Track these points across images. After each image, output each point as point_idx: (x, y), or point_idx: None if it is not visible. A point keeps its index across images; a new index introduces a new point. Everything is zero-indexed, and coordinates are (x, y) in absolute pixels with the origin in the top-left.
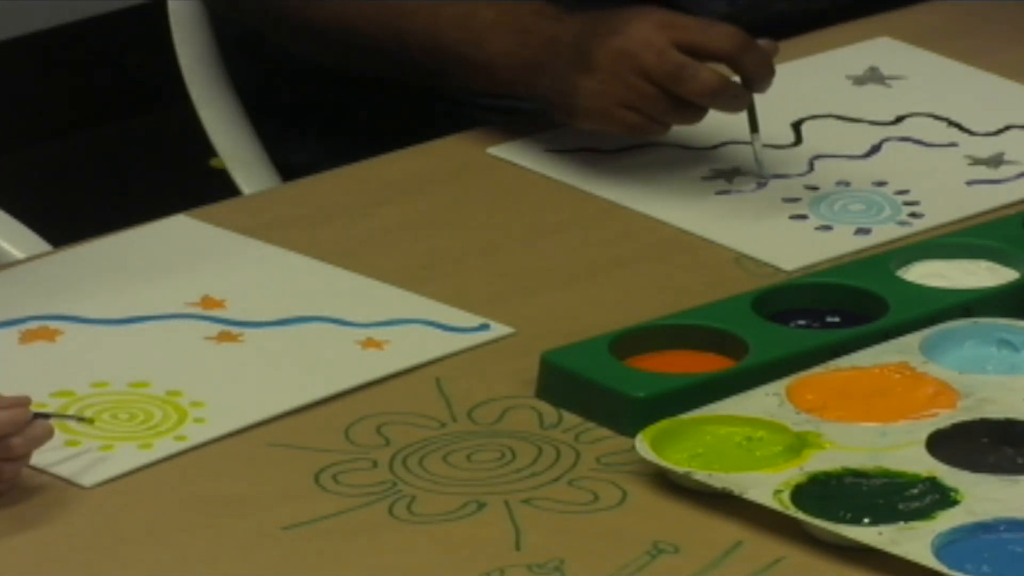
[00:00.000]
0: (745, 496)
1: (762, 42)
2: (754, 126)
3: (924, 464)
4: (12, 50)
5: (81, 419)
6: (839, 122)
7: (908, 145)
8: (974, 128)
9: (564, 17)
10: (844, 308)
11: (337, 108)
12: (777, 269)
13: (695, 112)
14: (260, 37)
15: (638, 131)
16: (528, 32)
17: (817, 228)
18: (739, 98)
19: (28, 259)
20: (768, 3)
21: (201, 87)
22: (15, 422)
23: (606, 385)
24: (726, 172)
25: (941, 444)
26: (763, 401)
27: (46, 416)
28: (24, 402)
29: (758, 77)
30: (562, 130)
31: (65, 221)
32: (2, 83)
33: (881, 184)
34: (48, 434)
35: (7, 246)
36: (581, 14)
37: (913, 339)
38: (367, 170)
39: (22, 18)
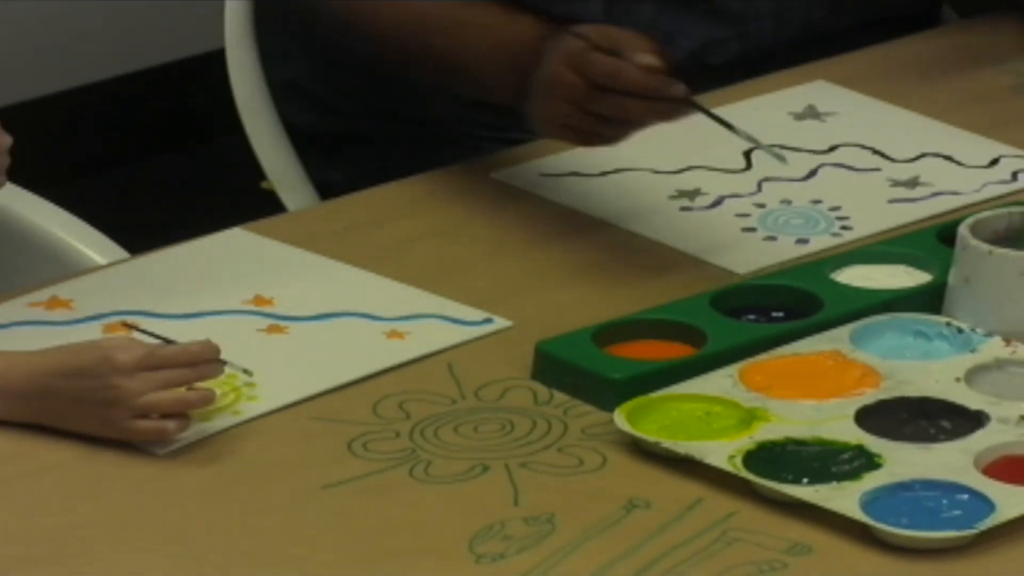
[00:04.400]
0: (705, 461)
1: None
2: (728, 126)
3: (853, 434)
4: (95, 92)
5: (246, 371)
6: (783, 151)
7: (840, 170)
8: (894, 156)
9: (533, 47)
10: (787, 305)
11: (366, 140)
12: (732, 272)
13: (616, 127)
14: (307, 80)
15: (579, 143)
16: (516, 66)
17: (764, 239)
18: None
19: (109, 265)
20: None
21: (254, 122)
22: (212, 349)
23: (590, 369)
24: (688, 192)
25: (867, 418)
26: (719, 382)
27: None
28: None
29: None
30: (552, 158)
31: (140, 233)
32: (88, 119)
33: (817, 202)
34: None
35: (91, 253)
36: (539, 44)
37: (843, 331)
38: (391, 191)
39: (107, 63)
